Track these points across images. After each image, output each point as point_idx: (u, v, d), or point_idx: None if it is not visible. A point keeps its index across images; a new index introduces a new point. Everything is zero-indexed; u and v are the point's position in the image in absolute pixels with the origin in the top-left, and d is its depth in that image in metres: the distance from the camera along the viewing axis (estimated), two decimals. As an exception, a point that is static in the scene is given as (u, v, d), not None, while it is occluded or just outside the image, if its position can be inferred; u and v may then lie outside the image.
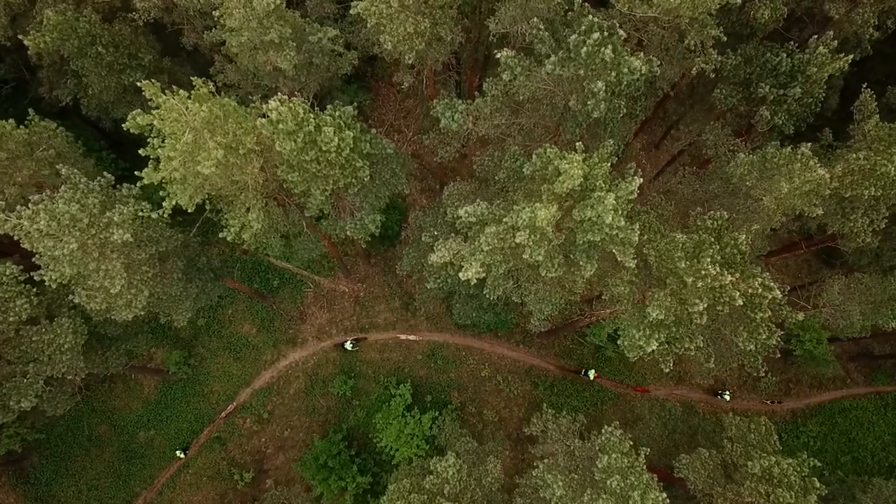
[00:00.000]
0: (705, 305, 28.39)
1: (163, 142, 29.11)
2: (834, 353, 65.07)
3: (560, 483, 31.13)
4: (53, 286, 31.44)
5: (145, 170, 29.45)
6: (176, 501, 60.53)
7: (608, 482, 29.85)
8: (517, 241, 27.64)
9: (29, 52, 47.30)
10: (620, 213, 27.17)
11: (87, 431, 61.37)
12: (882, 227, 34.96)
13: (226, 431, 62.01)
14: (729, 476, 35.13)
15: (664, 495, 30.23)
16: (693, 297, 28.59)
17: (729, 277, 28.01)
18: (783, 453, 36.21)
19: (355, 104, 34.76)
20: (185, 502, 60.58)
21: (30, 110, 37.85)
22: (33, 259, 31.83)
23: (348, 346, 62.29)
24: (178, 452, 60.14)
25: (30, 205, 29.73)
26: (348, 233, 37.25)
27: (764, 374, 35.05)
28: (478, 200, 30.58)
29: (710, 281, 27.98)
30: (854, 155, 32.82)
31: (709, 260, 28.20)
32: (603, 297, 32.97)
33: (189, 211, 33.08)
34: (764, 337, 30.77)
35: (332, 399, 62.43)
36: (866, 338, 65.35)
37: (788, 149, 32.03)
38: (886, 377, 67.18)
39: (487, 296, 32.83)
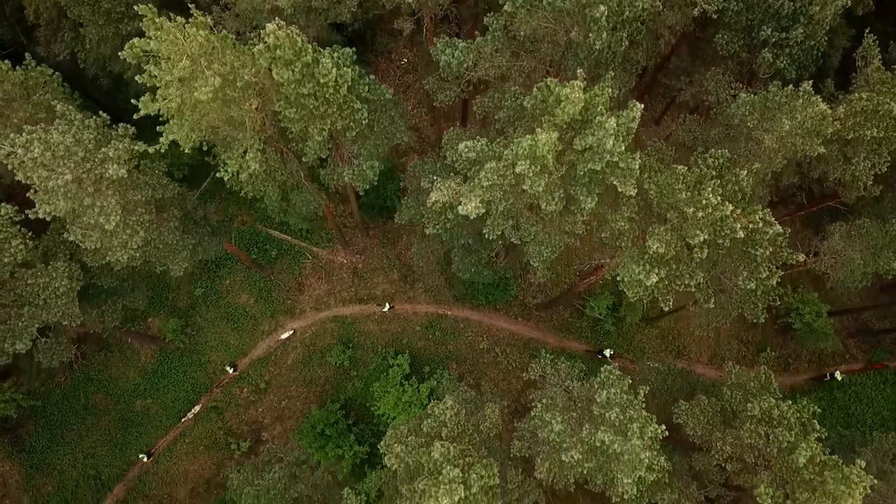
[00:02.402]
0: (706, 237, 28.16)
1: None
2: (833, 327, 64.87)
3: (558, 419, 30.88)
4: (48, 219, 31.14)
5: (142, 98, 29.19)
6: (172, 470, 60.25)
7: (607, 415, 29.60)
8: (517, 170, 27.38)
9: (25, 10, 47.11)
10: (622, 139, 26.96)
11: (84, 400, 61.10)
12: (884, 171, 34.78)
13: (223, 401, 61.73)
14: (728, 423, 34.89)
15: (663, 427, 30.02)
16: (694, 228, 28.35)
17: (730, 207, 27.79)
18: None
19: (354, 49, 34.48)
20: (181, 470, 60.31)
21: (26, 54, 37.58)
22: (28, 194, 31.60)
23: (607, 353, 62.04)
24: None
25: (23, 133, 29.47)
26: (346, 180, 36.96)
27: (763, 321, 34.69)
28: (477, 137, 30.37)
29: (710, 211, 27.76)
30: (857, 95, 32.71)
31: (710, 190, 27.98)
32: (603, 237, 32.66)
33: (186, 151, 32.91)
34: (764, 276, 30.53)
35: (330, 369, 62.14)
36: (866, 309, 65.21)
37: (790, 87, 31.89)
38: (885, 353, 66.92)
39: (487, 236, 32.54)
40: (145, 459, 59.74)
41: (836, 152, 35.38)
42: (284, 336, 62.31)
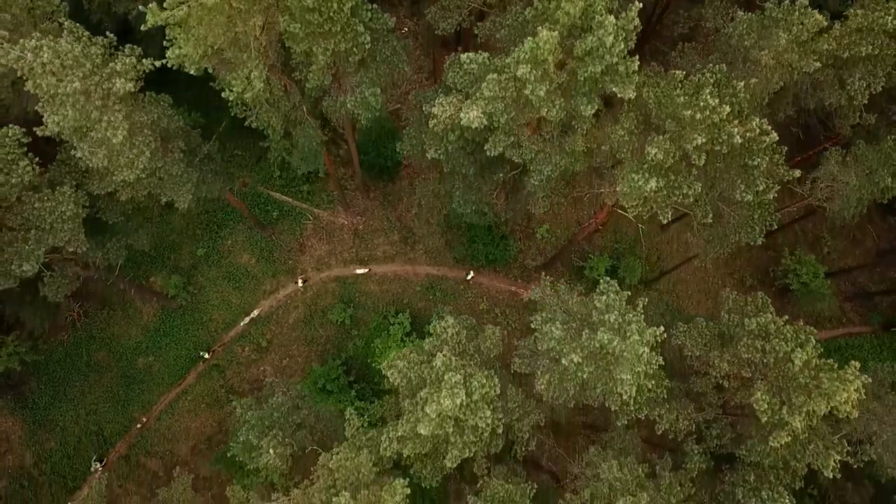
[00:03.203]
0: (703, 140, 28.61)
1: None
2: (830, 289, 65.27)
3: (559, 326, 31.29)
4: (56, 130, 31.52)
5: (150, 6, 29.72)
6: (174, 427, 60.61)
7: (606, 317, 30.03)
8: (518, 73, 27.87)
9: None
10: (621, 39, 27.45)
11: (86, 357, 61.40)
12: (879, 90, 35.29)
13: (224, 359, 62.09)
14: (725, 345, 35.30)
15: (661, 329, 30.43)
16: (692, 132, 28.78)
17: (727, 109, 28.24)
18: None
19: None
20: (182, 427, 60.66)
21: (33, -21, 37.97)
22: (36, 107, 32.05)
23: None
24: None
25: (33, 39, 29.93)
26: (349, 107, 37.45)
27: (762, 243, 35.15)
28: (479, 51, 30.86)
29: (708, 114, 28.20)
30: (852, 12, 33.36)
31: (708, 91, 28.45)
32: (603, 150, 33.06)
33: (192, 73, 33.46)
34: (761, 188, 30.98)
35: (331, 329, 62.54)
36: (861, 268, 65.73)
37: (787, 2, 32.55)
38: (882, 317, 67.47)
39: (488, 153, 33.03)
40: (206, 356, 61.18)
41: (831, 76, 35.95)
42: (361, 271, 63.51)
